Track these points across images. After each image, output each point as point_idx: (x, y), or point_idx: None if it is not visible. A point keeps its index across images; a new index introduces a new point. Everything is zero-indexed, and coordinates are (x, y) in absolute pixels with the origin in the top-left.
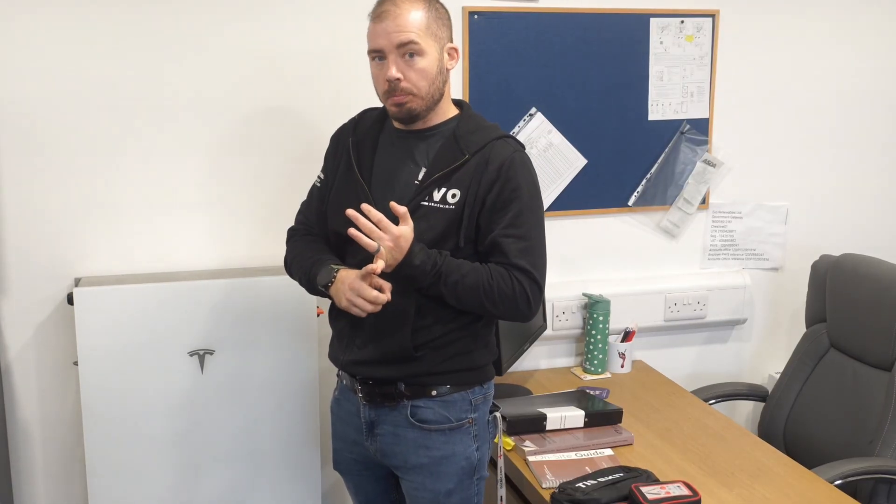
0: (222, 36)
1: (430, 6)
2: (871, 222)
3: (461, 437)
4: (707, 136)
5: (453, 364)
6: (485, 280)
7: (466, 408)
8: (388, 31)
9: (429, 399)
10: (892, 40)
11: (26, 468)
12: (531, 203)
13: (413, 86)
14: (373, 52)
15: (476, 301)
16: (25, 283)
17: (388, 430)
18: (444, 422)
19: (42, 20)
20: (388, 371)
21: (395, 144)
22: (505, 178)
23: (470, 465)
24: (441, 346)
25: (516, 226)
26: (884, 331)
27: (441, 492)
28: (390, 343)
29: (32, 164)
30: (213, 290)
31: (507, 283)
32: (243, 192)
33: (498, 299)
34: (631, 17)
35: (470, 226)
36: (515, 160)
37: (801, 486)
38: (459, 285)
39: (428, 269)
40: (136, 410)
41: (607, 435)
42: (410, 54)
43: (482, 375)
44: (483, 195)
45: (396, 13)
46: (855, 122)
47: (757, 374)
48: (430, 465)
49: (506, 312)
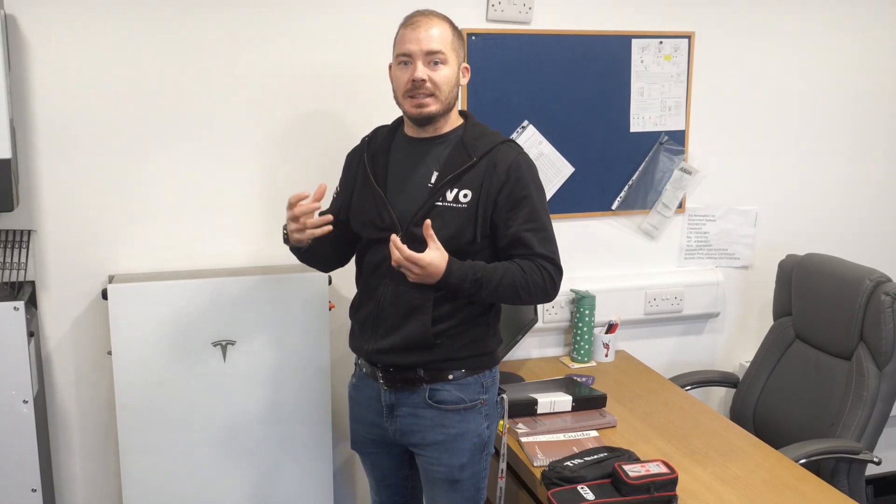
0: (252, 50)
1: (454, 27)
2: (832, 225)
3: (474, 416)
4: (683, 146)
5: (468, 350)
6: (520, 277)
7: (479, 389)
8: (420, 38)
9: (446, 382)
10: (849, 59)
11: (65, 448)
12: (540, 198)
13: (436, 87)
14: (402, 55)
15: (515, 296)
16: (64, 279)
17: (408, 411)
18: (459, 402)
19: (82, 34)
20: (410, 358)
21: (407, 151)
22: (514, 178)
23: (481, 442)
24: (457, 335)
25: (533, 220)
26: (844, 323)
27: (455, 465)
28: (412, 333)
29: (70, 171)
30: (235, 286)
31: (538, 273)
32: (264, 197)
33: (533, 290)
34: (614, 38)
35: (485, 223)
36: (521, 162)
37: (769, 465)
38: (500, 288)
39: (466, 285)
40: (165, 395)
41: (593, 418)
42: (436, 62)
43: (492, 360)
44: (494, 195)
45: (429, 24)
46: (817, 134)
47: (729, 363)
48: (446, 441)
49: (538, 299)
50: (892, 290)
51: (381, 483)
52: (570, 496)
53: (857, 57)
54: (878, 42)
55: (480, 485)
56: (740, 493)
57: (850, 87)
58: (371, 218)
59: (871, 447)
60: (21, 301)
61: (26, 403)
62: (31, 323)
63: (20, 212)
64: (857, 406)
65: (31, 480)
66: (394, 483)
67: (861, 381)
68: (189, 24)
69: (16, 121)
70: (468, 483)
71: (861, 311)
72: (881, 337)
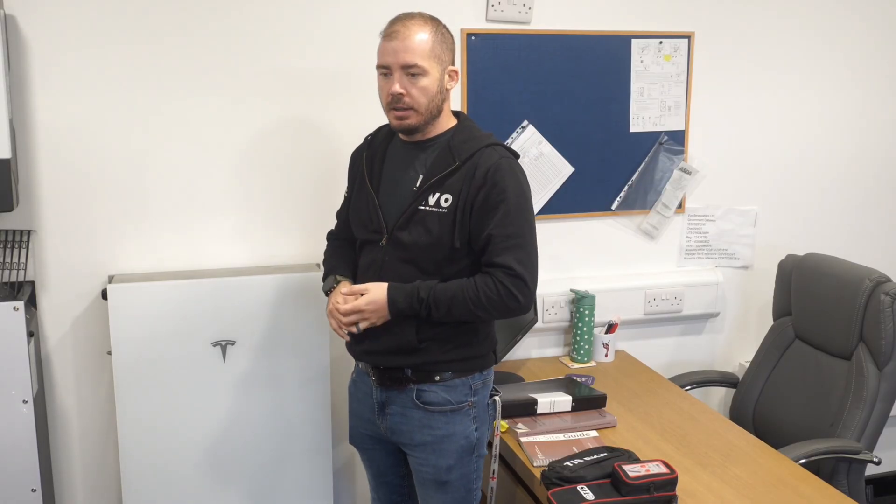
0: (253, 50)
1: (436, 30)
2: (832, 225)
3: (461, 419)
4: (683, 146)
5: (455, 353)
6: (471, 295)
7: (467, 392)
8: (396, 51)
9: (433, 384)
10: (849, 57)
11: (64, 447)
12: (518, 203)
13: (414, 101)
14: (380, 67)
15: (470, 314)
16: (64, 279)
17: (397, 410)
18: (445, 404)
19: (82, 34)
20: (396, 360)
21: (400, 155)
22: (491, 182)
23: (469, 444)
24: (444, 339)
25: (503, 225)
26: (844, 323)
27: (442, 467)
28: (397, 337)
29: (71, 171)
30: (234, 287)
31: (492, 288)
32: (261, 198)
33: (489, 306)
34: (614, 38)
35: (463, 228)
36: (502, 165)
37: (769, 465)
38: (453, 307)
39: (416, 306)
40: (165, 395)
41: (592, 418)
42: (413, 74)
43: (482, 363)
44: (472, 199)
45: (405, 35)
46: (817, 134)
47: (728, 363)
48: (433, 442)
49: (499, 313)
50: (892, 290)
51: (378, 480)
52: (569, 496)
53: (857, 55)
54: (877, 41)
55: (471, 486)
56: (740, 493)
57: (850, 86)
58: (363, 219)
59: (870, 447)
60: (21, 301)
61: (26, 403)
62: (31, 323)
63: (20, 212)
64: (856, 406)
65: (30, 480)
66: (391, 481)
67: (861, 381)
68: (189, 24)
69: (16, 121)
70: (457, 484)
71: (861, 311)
72: (881, 337)
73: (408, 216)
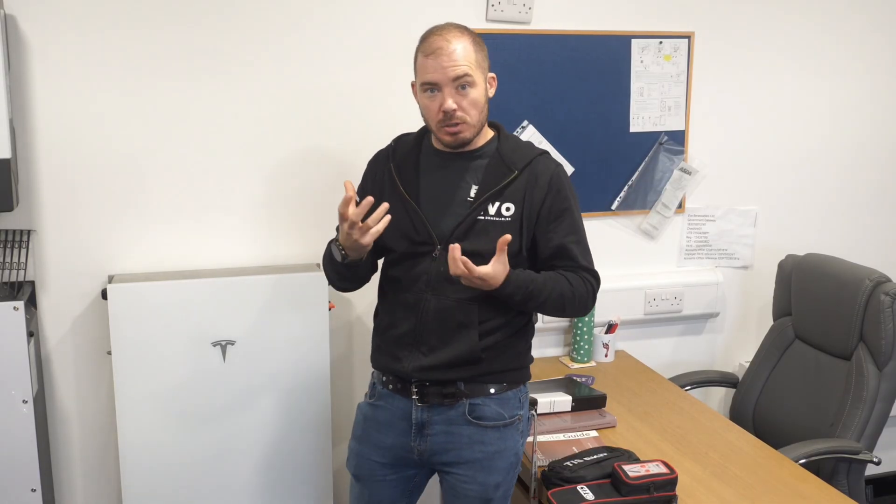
0: (252, 50)
1: (474, 39)
2: (832, 225)
3: (511, 433)
4: (683, 146)
5: (509, 363)
6: (567, 290)
7: (517, 405)
8: (444, 66)
9: (486, 397)
10: (849, 59)
11: (64, 447)
12: (577, 209)
13: (467, 114)
14: (427, 84)
15: (559, 308)
16: (64, 279)
17: (441, 428)
18: (499, 419)
19: (82, 34)
20: (452, 373)
21: (440, 164)
22: (556, 190)
23: (517, 460)
24: (502, 349)
25: (575, 231)
26: (844, 323)
27: (491, 485)
28: (459, 349)
29: (71, 171)
30: (234, 287)
31: (583, 286)
32: (262, 198)
33: (578, 303)
34: (614, 38)
35: (528, 236)
36: (560, 174)
37: (769, 465)
38: (548, 300)
39: (518, 297)
40: (164, 395)
41: (592, 418)
42: (463, 86)
43: (528, 374)
44: (538, 207)
45: (450, 49)
46: (817, 134)
47: (728, 363)
48: (483, 459)
49: (578, 311)
50: (892, 290)
51: None
52: (569, 496)
53: (857, 56)
54: (879, 43)
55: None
56: (740, 493)
57: (851, 85)
58: (404, 231)
59: (870, 447)
60: (21, 301)
61: (26, 403)
62: (31, 323)
63: (20, 212)
64: (856, 406)
65: (30, 480)
66: None
67: (861, 381)
68: (189, 24)
69: (16, 121)
70: (500, 502)
71: (861, 311)
72: (881, 337)
73: (466, 226)
